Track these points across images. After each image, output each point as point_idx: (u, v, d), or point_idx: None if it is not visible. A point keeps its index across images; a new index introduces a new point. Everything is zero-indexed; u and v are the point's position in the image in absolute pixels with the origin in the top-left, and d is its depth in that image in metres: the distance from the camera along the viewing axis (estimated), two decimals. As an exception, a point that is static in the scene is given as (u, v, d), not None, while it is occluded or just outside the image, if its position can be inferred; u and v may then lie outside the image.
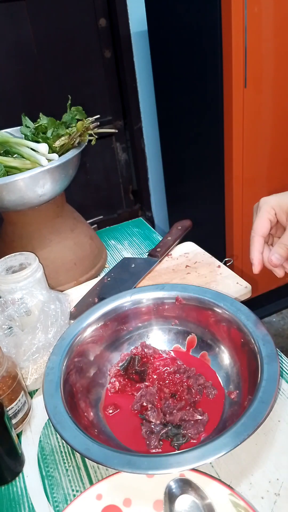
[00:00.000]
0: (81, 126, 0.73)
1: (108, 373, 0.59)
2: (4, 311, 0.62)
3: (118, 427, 0.53)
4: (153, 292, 0.63)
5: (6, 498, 0.49)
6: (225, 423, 0.50)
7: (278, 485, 0.46)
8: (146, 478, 0.45)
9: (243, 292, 0.71)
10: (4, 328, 0.60)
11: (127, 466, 0.41)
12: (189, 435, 0.50)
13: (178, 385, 0.55)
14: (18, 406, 0.53)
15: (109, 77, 1.77)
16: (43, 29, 1.54)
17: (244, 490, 0.46)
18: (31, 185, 0.68)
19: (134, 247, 0.93)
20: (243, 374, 0.54)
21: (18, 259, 0.67)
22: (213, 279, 0.75)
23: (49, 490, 0.49)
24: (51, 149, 0.72)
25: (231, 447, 0.41)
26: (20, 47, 1.53)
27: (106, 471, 0.50)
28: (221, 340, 0.59)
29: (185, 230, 0.85)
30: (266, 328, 0.53)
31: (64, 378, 0.52)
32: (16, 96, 1.57)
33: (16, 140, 0.72)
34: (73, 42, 1.62)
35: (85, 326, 0.59)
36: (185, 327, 0.62)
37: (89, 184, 1.93)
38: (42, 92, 1.61)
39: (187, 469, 0.41)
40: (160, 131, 1.80)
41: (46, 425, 0.56)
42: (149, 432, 0.50)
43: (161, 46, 1.55)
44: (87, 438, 0.44)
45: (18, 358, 0.59)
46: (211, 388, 0.55)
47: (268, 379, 0.47)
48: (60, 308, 0.64)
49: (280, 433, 0.51)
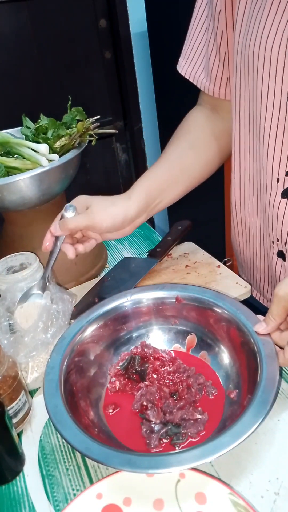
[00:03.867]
0: (82, 127, 0.73)
1: (108, 373, 0.59)
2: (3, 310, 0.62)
3: (118, 426, 0.53)
4: (153, 292, 0.63)
5: (7, 497, 0.49)
6: (225, 423, 0.50)
7: (277, 485, 0.46)
8: (146, 477, 0.45)
9: (243, 292, 0.72)
10: (5, 325, 0.60)
11: (127, 465, 0.41)
12: (189, 434, 0.50)
13: (178, 384, 0.55)
14: (18, 405, 0.53)
15: (109, 77, 1.77)
16: (43, 29, 1.54)
17: (244, 490, 0.46)
18: (32, 185, 0.68)
19: (134, 247, 0.93)
20: (243, 373, 0.54)
21: (18, 259, 0.68)
22: (213, 279, 0.75)
23: (50, 489, 0.49)
24: (52, 150, 0.73)
25: (231, 447, 0.41)
26: (20, 48, 1.53)
27: (106, 470, 0.50)
28: (221, 340, 0.59)
29: (185, 230, 0.85)
30: (265, 328, 0.53)
31: (65, 378, 0.52)
32: (16, 96, 1.56)
33: (16, 140, 0.72)
34: (73, 43, 1.62)
35: (86, 325, 0.59)
36: (185, 326, 0.62)
37: (90, 184, 1.93)
38: (43, 93, 1.61)
39: (187, 468, 0.41)
40: (160, 131, 1.80)
41: (47, 425, 0.56)
42: (149, 431, 0.50)
43: (161, 46, 1.55)
44: (87, 437, 0.44)
45: (16, 355, 0.59)
46: (210, 387, 0.55)
47: (267, 379, 0.47)
48: (62, 309, 0.64)
49: (279, 432, 0.51)
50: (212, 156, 0.74)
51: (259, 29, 0.53)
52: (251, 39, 0.55)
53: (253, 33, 0.54)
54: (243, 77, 0.60)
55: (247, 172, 0.68)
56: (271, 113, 0.57)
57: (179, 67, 0.74)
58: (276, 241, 0.65)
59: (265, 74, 0.55)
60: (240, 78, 0.61)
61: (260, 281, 0.76)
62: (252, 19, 0.55)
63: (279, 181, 0.60)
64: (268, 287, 0.75)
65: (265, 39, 0.53)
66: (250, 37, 0.55)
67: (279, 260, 0.66)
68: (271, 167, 0.60)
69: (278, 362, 0.49)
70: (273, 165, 0.60)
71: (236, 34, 0.59)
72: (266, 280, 0.74)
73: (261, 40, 0.53)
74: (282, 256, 0.66)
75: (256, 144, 0.62)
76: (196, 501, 0.44)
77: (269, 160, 0.60)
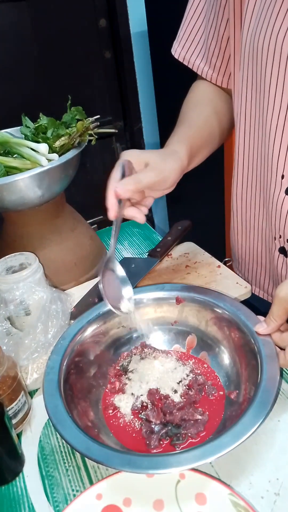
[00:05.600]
0: (81, 126, 0.73)
1: (108, 373, 0.59)
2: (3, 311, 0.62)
3: (118, 427, 0.53)
4: (153, 292, 0.63)
5: (6, 498, 0.49)
6: (225, 423, 0.50)
7: (278, 485, 0.46)
8: (146, 478, 0.45)
9: (243, 292, 0.71)
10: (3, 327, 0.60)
11: (127, 466, 0.41)
12: (189, 435, 0.50)
13: (178, 385, 0.55)
14: (18, 406, 0.53)
15: (109, 77, 1.76)
16: (43, 29, 1.54)
17: (244, 490, 0.46)
18: (31, 185, 0.68)
19: (134, 247, 0.93)
20: (243, 374, 0.54)
21: (18, 259, 0.67)
22: (213, 279, 0.75)
23: (49, 490, 0.49)
24: (51, 149, 0.72)
25: (231, 447, 0.41)
26: (20, 47, 1.53)
27: (106, 471, 0.50)
28: (221, 340, 0.59)
29: (185, 230, 0.85)
30: (266, 328, 0.53)
31: (64, 378, 0.52)
32: (16, 96, 1.56)
33: (16, 140, 0.72)
34: (73, 43, 1.62)
35: (85, 326, 0.59)
36: (185, 327, 0.62)
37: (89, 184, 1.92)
38: (42, 93, 1.61)
39: (187, 469, 0.41)
40: (160, 131, 1.80)
41: (46, 425, 0.56)
42: (149, 431, 0.50)
43: (161, 46, 1.55)
44: (87, 438, 0.44)
45: (18, 357, 0.59)
46: (211, 388, 0.55)
47: (268, 379, 0.47)
48: (61, 308, 0.64)
49: (279, 433, 0.51)
50: (227, 126, 0.75)
51: (269, 25, 0.53)
52: (261, 34, 0.54)
53: (263, 29, 0.54)
54: (250, 72, 0.60)
55: (250, 167, 0.68)
56: (279, 109, 0.57)
57: (173, 51, 0.74)
58: (278, 237, 0.65)
59: (274, 70, 0.55)
60: (248, 74, 0.60)
61: (260, 276, 0.76)
62: (262, 14, 0.55)
63: (284, 177, 0.60)
64: (270, 282, 0.75)
65: (276, 35, 0.53)
66: (259, 33, 0.55)
67: (281, 256, 0.66)
68: (276, 163, 0.60)
69: (279, 363, 0.49)
70: (278, 162, 0.60)
71: (245, 30, 0.58)
72: (267, 275, 0.74)
73: (271, 36, 0.53)
74: (284, 253, 0.66)
75: (261, 140, 0.62)
76: (196, 501, 0.44)
77: (275, 156, 0.60)
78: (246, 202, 0.71)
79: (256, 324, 0.53)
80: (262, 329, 0.52)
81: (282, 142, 0.58)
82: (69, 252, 0.79)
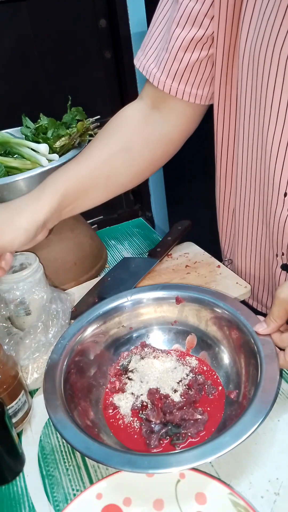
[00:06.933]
0: (81, 127, 0.73)
1: (108, 373, 0.59)
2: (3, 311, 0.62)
3: (118, 426, 0.53)
4: (153, 292, 0.63)
5: (7, 497, 0.49)
6: (225, 423, 0.50)
7: (277, 485, 0.46)
8: (146, 477, 0.45)
9: (243, 292, 0.71)
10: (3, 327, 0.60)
11: (127, 465, 0.41)
12: (189, 434, 0.50)
13: (178, 384, 0.55)
14: (18, 405, 0.53)
15: (109, 77, 1.77)
16: (43, 29, 1.54)
17: (244, 490, 0.46)
18: (32, 185, 0.68)
19: (134, 247, 0.93)
20: (243, 373, 0.54)
21: (18, 259, 0.67)
22: (213, 279, 0.75)
23: (49, 489, 0.49)
24: (52, 150, 0.73)
25: (231, 447, 0.41)
26: (20, 47, 1.53)
27: (106, 470, 0.50)
28: (221, 340, 0.59)
29: (185, 230, 0.85)
30: (265, 328, 0.53)
31: (65, 378, 0.52)
32: (16, 96, 1.56)
33: (16, 140, 0.72)
34: (73, 43, 1.62)
35: (86, 325, 0.59)
36: (185, 327, 0.62)
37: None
38: (42, 93, 1.61)
39: (187, 469, 0.41)
40: (160, 132, 1.79)
41: (47, 425, 0.56)
42: (149, 431, 0.50)
43: (161, 47, 1.55)
44: (87, 437, 0.44)
45: (18, 357, 0.59)
46: (210, 387, 0.55)
47: (267, 379, 0.47)
48: (61, 308, 0.64)
49: (279, 432, 0.51)
50: (144, 166, 0.65)
51: (272, 34, 0.50)
52: (262, 43, 0.51)
53: (264, 38, 0.51)
54: (249, 84, 0.56)
55: (250, 185, 0.65)
56: (282, 125, 0.54)
57: (136, 59, 0.67)
58: (281, 254, 0.64)
59: (277, 81, 0.52)
60: (247, 89, 0.57)
61: (258, 291, 0.75)
62: (262, 23, 0.51)
63: (287, 195, 0.58)
64: (268, 297, 0.74)
65: (280, 45, 0.50)
66: (261, 42, 0.52)
67: (283, 273, 0.66)
68: (278, 181, 0.58)
69: (278, 364, 0.49)
70: (280, 179, 0.58)
71: (242, 39, 0.55)
72: (265, 290, 0.74)
73: (275, 45, 0.50)
74: (286, 269, 0.65)
75: (262, 157, 0.60)
76: (196, 501, 0.44)
77: (276, 174, 0.58)
78: (245, 218, 0.69)
79: (256, 324, 0.53)
80: (262, 329, 0.52)
81: (286, 159, 0.56)
82: (69, 252, 0.79)
